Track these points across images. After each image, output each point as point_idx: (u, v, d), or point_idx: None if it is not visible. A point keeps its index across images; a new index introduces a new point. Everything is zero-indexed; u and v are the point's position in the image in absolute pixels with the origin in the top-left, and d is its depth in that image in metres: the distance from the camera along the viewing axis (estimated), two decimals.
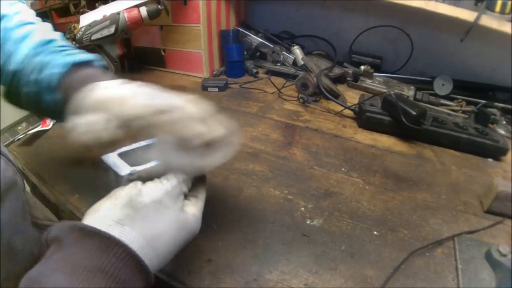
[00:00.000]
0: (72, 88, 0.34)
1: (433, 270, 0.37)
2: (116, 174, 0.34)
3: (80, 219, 0.27)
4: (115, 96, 0.32)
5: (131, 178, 0.31)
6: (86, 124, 0.31)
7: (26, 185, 0.41)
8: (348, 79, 0.94)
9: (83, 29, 0.72)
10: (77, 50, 0.38)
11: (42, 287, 0.21)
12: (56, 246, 0.24)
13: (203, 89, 0.88)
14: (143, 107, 0.31)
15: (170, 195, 0.29)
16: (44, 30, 0.39)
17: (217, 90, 0.87)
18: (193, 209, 0.31)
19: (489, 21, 0.69)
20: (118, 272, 0.23)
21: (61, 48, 0.38)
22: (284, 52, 0.99)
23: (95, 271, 0.23)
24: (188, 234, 0.30)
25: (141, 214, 0.27)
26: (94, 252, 0.23)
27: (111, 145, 0.33)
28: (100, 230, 0.25)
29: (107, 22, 0.71)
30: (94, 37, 0.71)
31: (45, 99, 0.37)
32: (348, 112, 0.75)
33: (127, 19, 0.72)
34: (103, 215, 0.27)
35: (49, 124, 0.68)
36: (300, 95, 0.81)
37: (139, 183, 0.29)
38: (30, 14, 0.41)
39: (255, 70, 0.98)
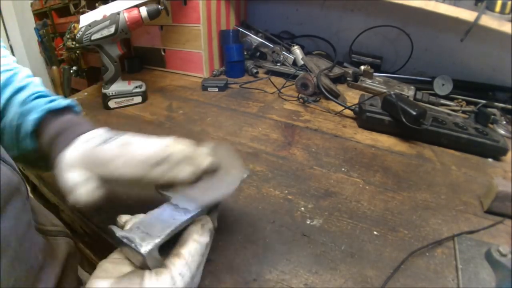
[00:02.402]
0: (49, 137, 0.34)
1: (433, 270, 0.37)
2: (134, 250, 0.27)
3: (80, 217, 0.27)
4: (100, 155, 0.31)
5: (153, 254, 0.27)
6: (71, 183, 0.31)
7: (29, 189, 0.41)
8: (348, 79, 0.94)
9: (83, 29, 0.72)
10: (54, 96, 0.38)
11: None
12: None
13: (203, 89, 0.88)
14: (131, 167, 0.30)
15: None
16: (23, 77, 0.38)
17: (217, 90, 0.88)
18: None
19: (489, 21, 0.69)
20: None
21: (37, 94, 0.37)
22: (284, 52, 0.99)
23: None
24: None
25: None
26: None
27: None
28: None
29: (107, 22, 0.71)
30: (94, 37, 0.71)
31: (24, 147, 0.36)
32: (348, 112, 0.75)
33: (127, 19, 0.72)
34: None
35: None
36: (300, 95, 0.81)
37: (172, 270, 0.26)
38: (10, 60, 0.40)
39: (255, 70, 0.98)
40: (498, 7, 0.69)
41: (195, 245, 0.28)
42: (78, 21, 0.79)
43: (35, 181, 0.55)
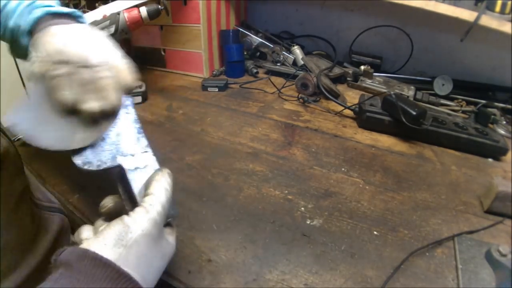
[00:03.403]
0: (38, 32, 0.34)
1: (433, 270, 0.37)
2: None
3: (79, 218, 0.27)
4: (45, 36, 0.32)
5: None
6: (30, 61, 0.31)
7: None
8: (348, 79, 0.94)
9: None
10: (59, 5, 0.39)
11: None
12: (65, 271, 0.24)
13: (203, 89, 0.88)
14: (54, 51, 0.30)
15: (158, 224, 0.29)
16: None
17: (217, 90, 0.87)
18: (172, 238, 0.31)
19: (489, 21, 0.69)
20: None
21: (44, 3, 0.38)
22: (284, 52, 0.99)
23: None
24: (168, 262, 0.30)
25: (133, 251, 0.27)
26: (105, 284, 0.23)
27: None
28: (112, 262, 0.25)
29: (107, 22, 0.71)
30: None
31: (21, 43, 0.37)
32: (348, 112, 0.75)
33: (127, 19, 0.72)
34: (96, 251, 0.26)
35: None
36: (300, 95, 0.81)
37: (125, 218, 0.28)
38: None
39: (255, 70, 0.98)
40: (498, 7, 0.69)
41: (157, 184, 0.30)
42: None
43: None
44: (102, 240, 0.26)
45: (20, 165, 0.38)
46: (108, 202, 0.31)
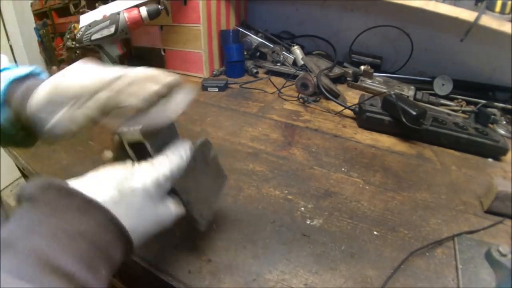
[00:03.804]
0: (18, 99, 0.33)
1: (433, 270, 0.37)
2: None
3: None
4: (62, 83, 0.31)
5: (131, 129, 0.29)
6: (52, 122, 0.31)
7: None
8: (348, 79, 0.94)
9: (83, 29, 0.72)
10: (19, 67, 0.37)
11: (19, 251, 0.20)
12: (29, 206, 0.23)
13: (203, 89, 0.88)
14: (87, 80, 0.30)
15: (160, 186, 0.28)
16: None
17: (217, 90, 0.87)
18: (174, 208, 0.30)
19: (489, 21, 0.69)
20: (98, 238, 0.23)
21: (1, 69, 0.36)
22: (284, 52, 0.99)
23: (75, 235, 0.22)
24: (161, 229, 0.29)
25: (126, 200, 0.26)
26: (73, 214, 0.22)
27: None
28: (79, 191, 0.23)
29: (107, 22, 0.71)
30: (94, 37, 0.71)
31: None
32: (348, 112, 0.75)
33: (127, 19, 0.72)
34: (87, 188, 0.25)
35: None
36: (300, 95, 0.81)
37: (130, 166, 0.28)
38: None
39: (255, 70, 0.98)
40: (498, 7, 0.69)
41: (175, 148, 0.31)
42: (78, 21, 0.79)
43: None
44: (102, 178, 0.26)
45: None
46: (108, 154, 0.31)
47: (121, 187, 0.26)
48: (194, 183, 0.33)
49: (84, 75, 0.31)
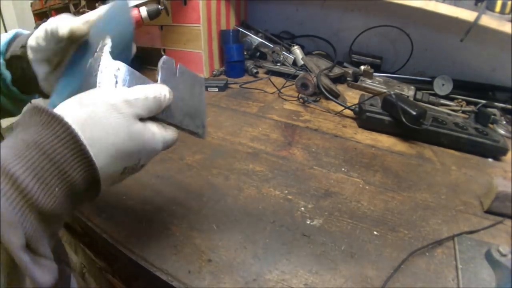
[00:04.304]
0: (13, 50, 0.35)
1: (433, 270, 0.37)
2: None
3: (80, 217, 0.27)
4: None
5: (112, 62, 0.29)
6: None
7: None
8: (348, 79, 0.94)
9: None
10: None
11: None
12: (14, 129, 0.24)
13: None
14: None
15: (128, 102, 0.27)
16: None
17: (217, 90, 0.87)
18: (157, 129, 0.29)
19: (489, 21, 0.69)
20: (53, 150, 0.22)
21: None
22: (284, 52, 0.99)
23: (31, 144, 0.22)
24: (141, 147, 0.28)
25: (86, 110, 0.25)
26: (35, 128, 0.23)
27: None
28: (48, 108, 0.24)
29: None
30: None
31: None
32: (348, 112, 0.75)
33: None
34: (49, 102, 0.26)
35: None
36: (300, 95, 0.81)
37: (99, 89, 0.27)
38: None
39: (255, 70, 0.98)
40: (498, 7, 0.69)
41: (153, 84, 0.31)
42: None
43: None
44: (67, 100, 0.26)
45: None
46: None
47: (80, 98, 0.26)
48: (175, 102, 0.32)
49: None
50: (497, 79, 0.88)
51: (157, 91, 0.29)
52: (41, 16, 1.81)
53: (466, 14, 0.71)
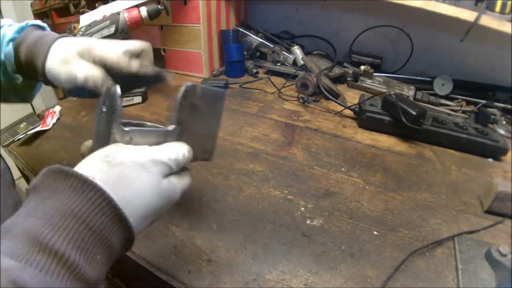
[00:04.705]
0: (27, 47, 0.36)
1: (433, 270, 0.37)
2: (107, 120, 0.28)
3: None
4: (90, 42, 0.35)
5: (124, 132, 0.28)
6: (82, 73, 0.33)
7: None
8: (348, 79, 0.94)
9: (83, 29, 0.72)
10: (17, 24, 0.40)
11: (14, 234, 0.20)
12: (33, 194, 0.23)
13: None
14: (113, 47, 0.35)
15: (155, 162, 0.27)
16: None
17: None
18: (177, 181, 0.30)
19: (489, 21, 0.69)
20: (92, 219, 0.22)
21: (6, 25, 0.39)
22: (284, 52, 0.99)
23: (67, 214, 0.21)
24: (169, 203, 0.28)
25: (115, 170, 0.24)
26: (66, 194, 0.22)
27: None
28: (76, 171, 0.23)
29: (107, 22, 0.71)
30: (94, 37, 0.71)
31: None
32: (348, 112, 0.75)
33: (127, 19, 0.72)
34: (77, 167, 0.25)
35: (49, 124, 0.68)
36: (300, 95, 0.81)
37: (121, 144, 0.27)
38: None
39: (255, 70, 0.98)
40: (498, 7, 0.69)
41: (177, 143, 0.31)
42: (78, 21, 0.79)
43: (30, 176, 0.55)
44: (88, 157, 0.25)
45: (11, 179, 0.37)
46: (87, 143, 0.30)
47: (109, 159, 0.25)
48: (188, 134, 0.32)
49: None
50: (497, 79, 0.88)
51: (179, 151, 0.30)
52: (41, 16, 1.81)
53: (466, 14, 0.71)
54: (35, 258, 0.19)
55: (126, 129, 0.28)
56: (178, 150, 0.29)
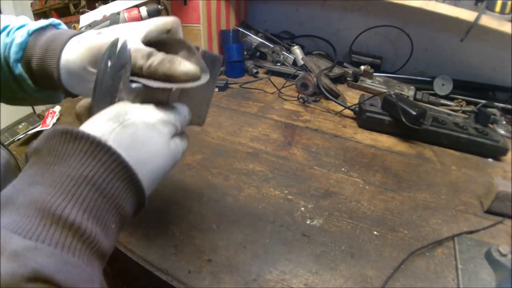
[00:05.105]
0: (40, 50, 0.32)
1: (433, 270, 0.37)
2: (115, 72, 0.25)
3: None
4: (101, 42, 0.29)
5: (131, 89, 0.26)
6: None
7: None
8: (348, 79, 0.94)
9: (83, 29, 0.72)
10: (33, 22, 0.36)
11: (18, 205, 0.17)
12: (35, 158, 0.20)
13: None
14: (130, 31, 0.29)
15: (165, 122, 0.25)
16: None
17: (217, 90, 0.87)
18: (180, 142, 0.28)
19: (489, 21, 0.69)
20: (106, 185, 0.20)
21: (20, 26, 0.35)
22: (284, 52, 0.99)
23: (80, 181, 0.19)
24: (174, 164, 0.27)
25: (128, 131, 0.22)
26: (77, 158, 0.19)
27: None
28: (87, 132, 0.20)
29: (107, 22, 0.71)
30: None
31: (15, 72, 0.33)
32: (348, 112, 0.75)
33: (127, 19, 0.72)
34: (84, 127, 0.22)
35: (49, 124, 0.68)
36: (300, 95, 0.81)
37: (128, 103, 0.24)
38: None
39: (255, 70, 0.98)
40: (498, 7, 0.69)
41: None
42: (78, 21, 0.79)
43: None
44: (98, 115, 0.23)
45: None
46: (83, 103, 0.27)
47: (120, 119, 0.23)
48: (187, 96, 0.31)
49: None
50: (497, 79, 0.88)
51: (183, 112, 0.29)
52: (41, 16, 1.81)
53: (466, 14, 0.71)
54: (47, 233, 0.17)
55: (133, 86, 0.26)
56: (182, 111, 0.29)
